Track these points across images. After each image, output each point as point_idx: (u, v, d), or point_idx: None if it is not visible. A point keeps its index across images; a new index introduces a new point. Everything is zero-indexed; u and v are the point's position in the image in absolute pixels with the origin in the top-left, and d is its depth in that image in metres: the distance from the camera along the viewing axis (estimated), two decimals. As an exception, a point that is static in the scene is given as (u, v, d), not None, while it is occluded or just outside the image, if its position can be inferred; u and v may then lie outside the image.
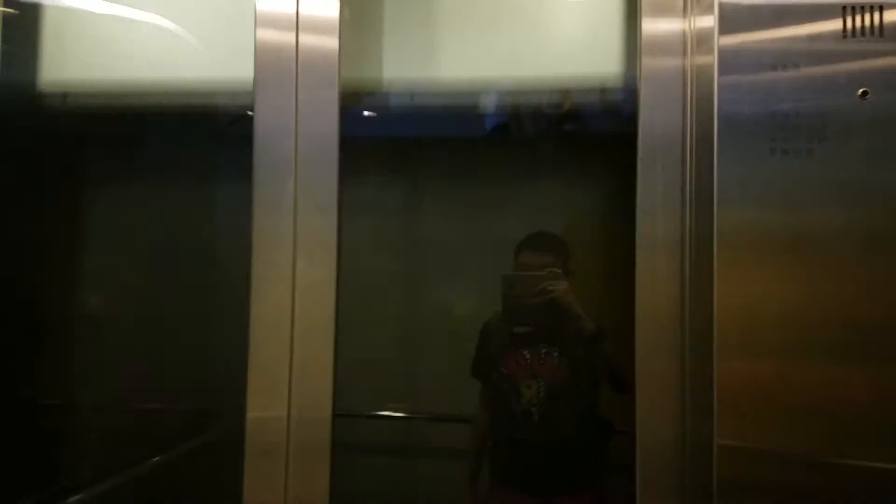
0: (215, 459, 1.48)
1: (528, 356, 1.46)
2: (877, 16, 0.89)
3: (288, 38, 1.03)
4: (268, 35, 1.03)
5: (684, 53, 0.99)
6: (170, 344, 1.54)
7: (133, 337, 1.54)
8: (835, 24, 0.89)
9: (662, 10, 1.00)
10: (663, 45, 0.99)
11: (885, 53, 0.88)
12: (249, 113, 1.01)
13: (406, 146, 1.66)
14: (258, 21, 1.03)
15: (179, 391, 1.53)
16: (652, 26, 1.00)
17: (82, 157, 1.56)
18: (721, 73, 0.90)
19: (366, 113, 1.44)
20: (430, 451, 1.71)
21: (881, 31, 0.89)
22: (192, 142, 1.51)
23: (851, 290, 0.86)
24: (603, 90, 1.28)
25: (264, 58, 1.03)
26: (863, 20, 0.89)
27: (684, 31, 1.00)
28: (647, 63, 0.99)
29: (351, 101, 1.22)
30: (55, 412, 1.50)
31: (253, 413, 1.02)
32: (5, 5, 1.24)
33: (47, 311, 1.48)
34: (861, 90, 0.88)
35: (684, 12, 1.00)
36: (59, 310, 1.51)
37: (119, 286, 1.54)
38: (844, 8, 0.89)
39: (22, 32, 1.30)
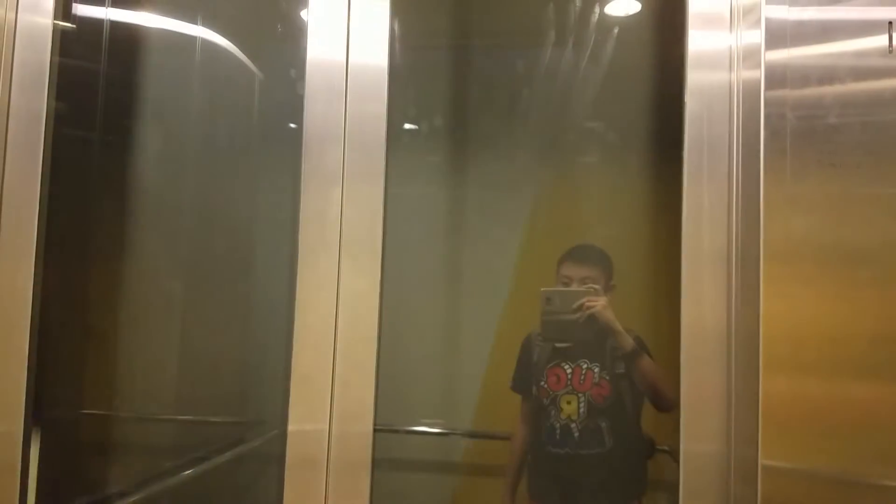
0: (257, 470, 1.50)
1: (568, 371, 1.46)
2: (923, 30, 0.88)
3: (339, 53, 1.06)
4: (319, 50, 1.06)
5: (731, 67, 0.99)
6: (215, 354, 1.56)
7: (175, 347, 1.57)
8: (880, 40, 0.89)
9: (709, 24, 1.01)
10: (710, 59, 1.00)
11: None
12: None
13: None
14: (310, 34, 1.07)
15: (223, 402, 1.56)
16: (699, 40, 1.01)
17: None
18: (767, 87, 0.89)
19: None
20: (469, 467, 1.71)
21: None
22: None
23: (898, 308, 0.84)
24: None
25: (315, 71, 1.06)
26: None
27: (731, 46, 1.00)
28: (694, 77, 1.00)
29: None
30: (100, 422, 1.53)
31: (294, 425, 1.03)
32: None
33: (91, 320, 1.52)
34: (910, 102, 0.87)
35: (731, 27, 1.00)
36: (103, 320, 1.55)
37: (161, 296, 1.57)
38: (890, 23, 0.88)
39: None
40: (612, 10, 1.42)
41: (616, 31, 1.34)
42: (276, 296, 1.14)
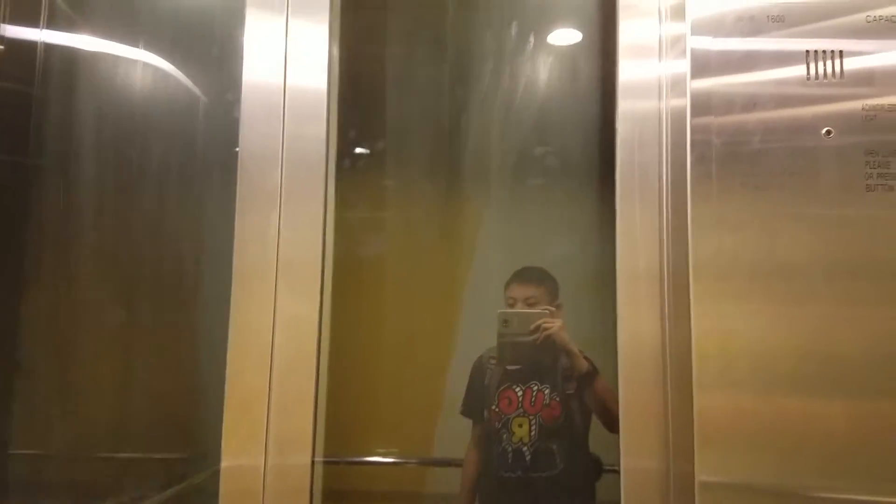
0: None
1: (519, 393, 1.46)
2: (837, 61, 0.93)
3: (276, 75, 1.06)
4: (256, 72, 1.06)
5: (660, 95, 1.03)
6: (147, 387, 1.51)
7: (107, 380, 1.51)
8: (800, 69, 0.94)
9: (639, 55, 1.05)
10: (640, 88, 1.04)
11: (845, 96, 0.92)
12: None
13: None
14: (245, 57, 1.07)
15: (165, 437, 1.50)
16: (629, 69, 1.05)
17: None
18: (693, 114, 0.93)
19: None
20: (421, 497, 1.68)
21: (842, 74, 0.93)
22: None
23: (825, 322, 0.87)
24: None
25: (251, 93, 1.06)
26: (825, 65, 0.93)
27: (659, 75, 1.04)
28: (625, 104, 1.03)
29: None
30: (27, 462, 1.45)
31: (228, 460, 0.99)
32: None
33: (20, 353, 1.45)
34: (825, 129, 0.91)
35: (660, 57, 1.04)
36: (32, 352, 1.48)
37: (96, 326, 1.52)
38: (808, 53, 0.93)
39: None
40: (554, 39, 1.46)
41: (555, 59, 1.38)
42: (216, 324, 1.11)
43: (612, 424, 1.37)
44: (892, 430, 0.85)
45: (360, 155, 1.56)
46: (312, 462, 1.00)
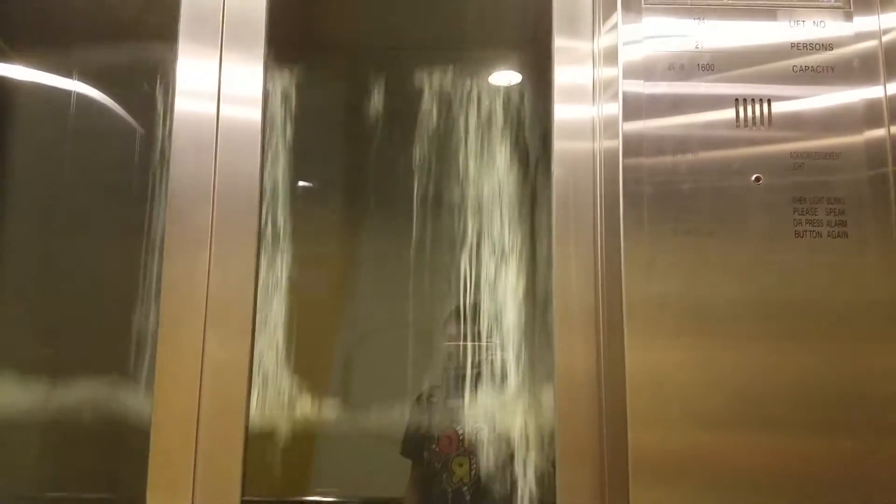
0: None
1: (460, 432, 1.44)
2: (766, 107, 0.97)
3: (209, 107, 1.04)
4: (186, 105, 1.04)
5: (594, 137, 1.05)
6: (81, 426, 1.44)
7: (38, 420, 1.44)
8: (728, 113, 0.97)
9: (573, 98, 1.07)
10: (574, 129, 1.05)
11: (773, 141, 0.96)
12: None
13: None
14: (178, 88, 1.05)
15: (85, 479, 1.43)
16: (564, 111, 1.07)
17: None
18: (625, 155, 0.95)
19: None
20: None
21: (770, 120, 0.96)
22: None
23: (752, 362, 0.89)
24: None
25: (182, 126, 1.03)
26: (753, 111, 0.97)
27: (593, 117, 1.06)
28: (560, 145, 1.05)
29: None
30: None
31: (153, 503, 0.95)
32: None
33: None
34: (754, 176, 0.94)
35: (594, 100, 1.07)
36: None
37: (24, 364, 1.45)
38: (737, 100, 0.97)
39: None
40: (495, 80, 1.48)
41: (497, 100, 1.40)
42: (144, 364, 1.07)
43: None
44: (817, 465, 0.87)
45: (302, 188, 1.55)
46: (242, 502, 0.96)
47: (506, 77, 1.49)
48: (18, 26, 1.41)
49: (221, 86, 1.04)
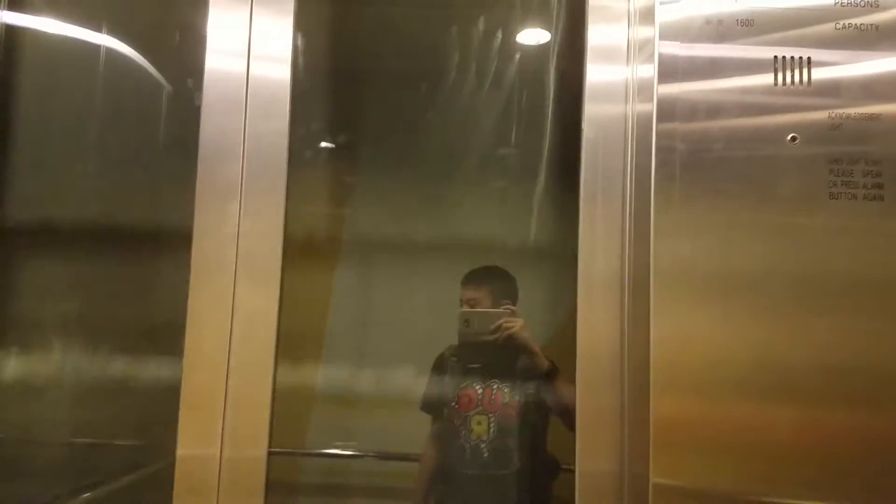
0: (154, 497, 1.42)
1: (479, 392, 1.46)
2: (805, 69, 0.94)
3: (239, 65, 1.04)
4: (219, 62, 1.04)
5: (626, 99, 1.03)
6: (112, 374, 1.48)
7: (70, 367, 1.49)
8: (765, 78, 0.94)
9: (607, 58, 1.05)
10: (607, 91, 1.03)
11: (812, 102, 0.93)
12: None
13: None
14: (209, 46, 1.05)
15: (122, 424, 1.48)
16: (597, 73, 1.04)
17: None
18: (659, 120, 0.93)
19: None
20: (375, 491, 1.68)
21: (809, 81, 0.93)
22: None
23: (780, 331, 0.88)
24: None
25: (213, 83, 1.04)
26: (793, 72, 0.94)
27: (627, 79, 1.04)
28: (591, 107, 1.03)
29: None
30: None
31: (183, 449, 0.98)
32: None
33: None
34: (791, 135, 0.92)
35: (628, 61, 1.04)
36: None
37: (54, 313, 1.48)
38: (776, 59, 0.94)
39: None
40: (523, 38, 1.45)
41: (523, 58, 1.38)
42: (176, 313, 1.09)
43: (572, 424, 1.38)
44: (841, 438, 0.86)
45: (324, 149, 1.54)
46: (269, 454, 0.99)
47: (534, 36, 1.46)
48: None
49: (251, 42, 1.04)
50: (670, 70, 0.94)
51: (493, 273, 1.53)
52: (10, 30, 1.40)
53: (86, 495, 1.43)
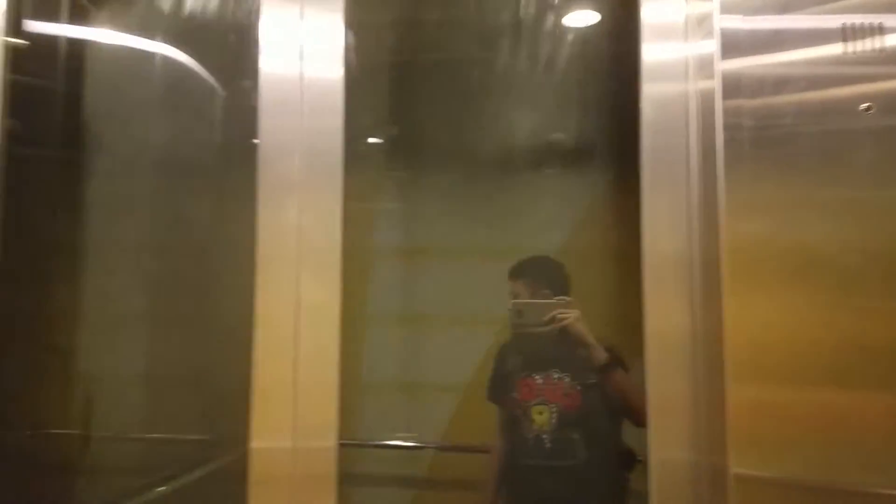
0: (225, 489, 1.46)
1: (539, 381, 1.44)
2: (877, 36, 0.89)
3: (293, 66, 1.05)
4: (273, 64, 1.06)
5: (686, 77, 1.00)
6: (176, 370, 1.53)
7: (139, 364, 1.54)
8: (833, 48, 0.90)
9: (664, 35, 1.01)
10: (665, 70, 1.00)
11: (886, 70, 0.88)
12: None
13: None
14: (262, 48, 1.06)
15: (190, 419, 1.52)
16: (653, 51, 1.01)
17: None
18: (724, 96, 0.90)
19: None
20: (442, 483, 1.68)
21: (881, 48, 0.89)
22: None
23: (863, 312, 0.84)
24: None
25: (268, 85, 1.05)
26: (863, 40, 0.89)
27: (685, 56, 1.00)
28: (649, 87, 1.00)
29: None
30: (62, 441, 1.48)
31: (256, 442, 1.00)
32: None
33: (51, 339, 1.48)
34: (864, 105, 0.87)
35: (685, 38, 1.01)
36: (63, 338, 1.51)
37: (123, 312, 1.54)
38: (844, 28, 0.89)
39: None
40: (570, 21, 1.42)
41: (574, 41, 1.35)
42: (240, 309, 1.12)
43: (634, 418, 1.35)
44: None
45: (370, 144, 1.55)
46: (338, 445, 1.00)
47: (583, 17, 1.42)
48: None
49: (303, 40, 1.05)
50: (732, 44, 0.91)
51: (539, 263, 1.51)
52: (72, 43, 1.45)
53: (161, 488, 1.48)
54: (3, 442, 1.28)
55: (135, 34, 1.46)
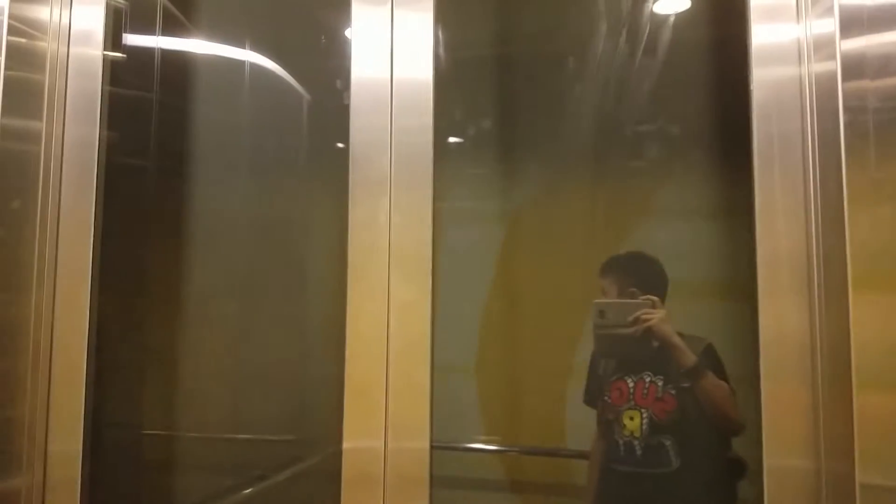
0: (316, 489, 1.48)
1: (631, 385, 1.38)
2: None
3: (383, 68, 1.05)
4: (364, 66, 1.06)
5: (800, 60, 0.93)
6: (272, 371, 1.55)
7: (232, 365, 1.58)
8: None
9: (774, 16, 0.95)
10: (777, 53, 0.94)
11: None
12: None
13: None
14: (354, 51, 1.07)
15: (281, 420, 1.55)
16: (763, 33, 0.95)
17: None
18: (845, 78, 0.83)
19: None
20: (535, 486, 1.65)
21: None
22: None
23: None
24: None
25: (359, 87, 1.06)
26: None
27: (799, 38, 0.94)
28: (759, 72, 0.94)
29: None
30: (158, 441, 1.54)
31: (349, 442, 1.00)
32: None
33: (149, 342, 1.53)
34: None
35: (798, 17, 0.95)
36: (160, 340, 1.56)
37: (217, 315, 1.58)
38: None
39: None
40: (660, 8, 1.37)
41: (666, 28, 1.29)
42: (329, 310, 1.12)
43: (721, 426, 1.27)
44: None
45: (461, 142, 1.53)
46: (431, 446, 0.99)
47: (672, 4, 1.37)
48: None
49: (393, 40, 1.05)
50: (854, 22, 0.84)
51: (631, 260, 1.45)
52: (165, 54, 1.50)
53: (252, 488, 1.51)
54: (112, 443, 1.33)
55: (226, 43, 1.51)
